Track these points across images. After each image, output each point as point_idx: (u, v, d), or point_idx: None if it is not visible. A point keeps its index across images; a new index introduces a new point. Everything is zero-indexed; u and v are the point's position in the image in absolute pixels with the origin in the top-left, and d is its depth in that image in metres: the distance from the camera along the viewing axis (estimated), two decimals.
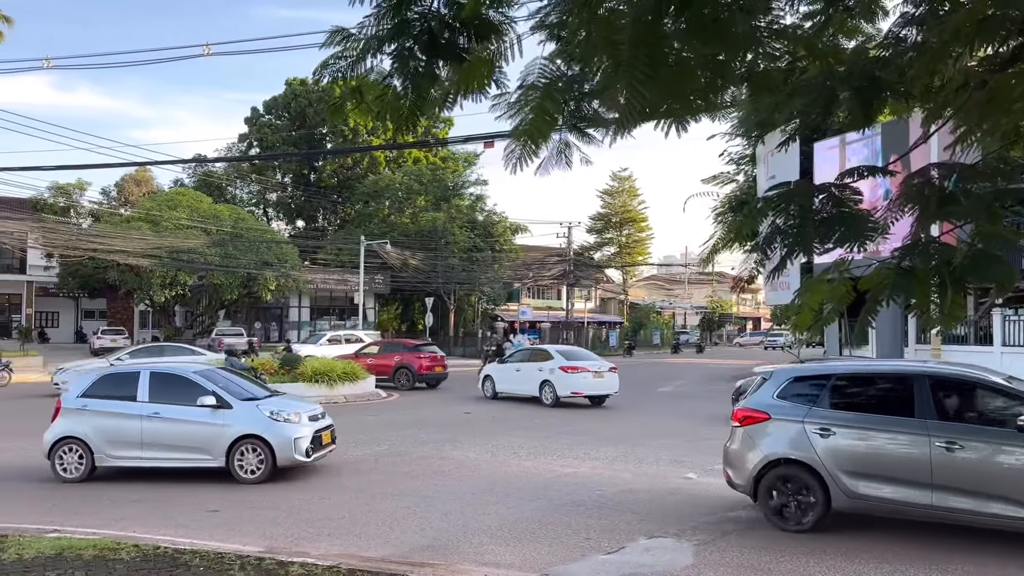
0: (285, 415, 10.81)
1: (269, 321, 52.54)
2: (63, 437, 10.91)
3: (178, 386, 11.04)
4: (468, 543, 7.79)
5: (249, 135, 59.92)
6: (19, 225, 43.77)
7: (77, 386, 11.49)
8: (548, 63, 3.56)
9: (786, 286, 21.62)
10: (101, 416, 10.90)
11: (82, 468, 10.79)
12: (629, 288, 76.35)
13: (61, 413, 11.17)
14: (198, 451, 10.65)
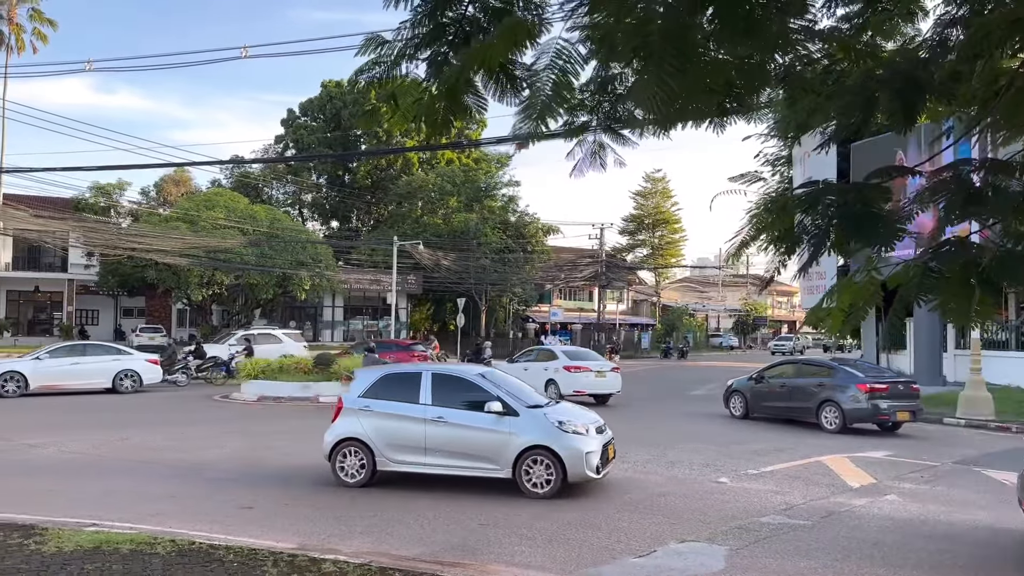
0: (574, 426, 9.97)
1: (304, 320, 53.09)
2: (345, 438, 10.39)
3: (460, 389, 10.49)
4: (499, 543, 7.80)
5: (285, 136, 60.68)
6: (61, 224, 44.75)
7: (357, 385, 10.93)
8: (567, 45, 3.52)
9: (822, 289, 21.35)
10: (383, 418, 10.35)
11: (363, 472, 10.28)
12: (662, 290, 75.93)
13: (342, 413, 10.64)
14: (484, 460, 9.98)
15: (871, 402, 16.33)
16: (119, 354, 24.29)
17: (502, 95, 3.66)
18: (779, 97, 4.16)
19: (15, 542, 7.04)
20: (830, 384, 17.14)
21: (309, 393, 22.07)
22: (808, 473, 11.90)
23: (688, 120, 3.55)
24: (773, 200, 4.31)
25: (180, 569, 6.41)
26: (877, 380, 16.82)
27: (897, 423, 16.93)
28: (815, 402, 17.21)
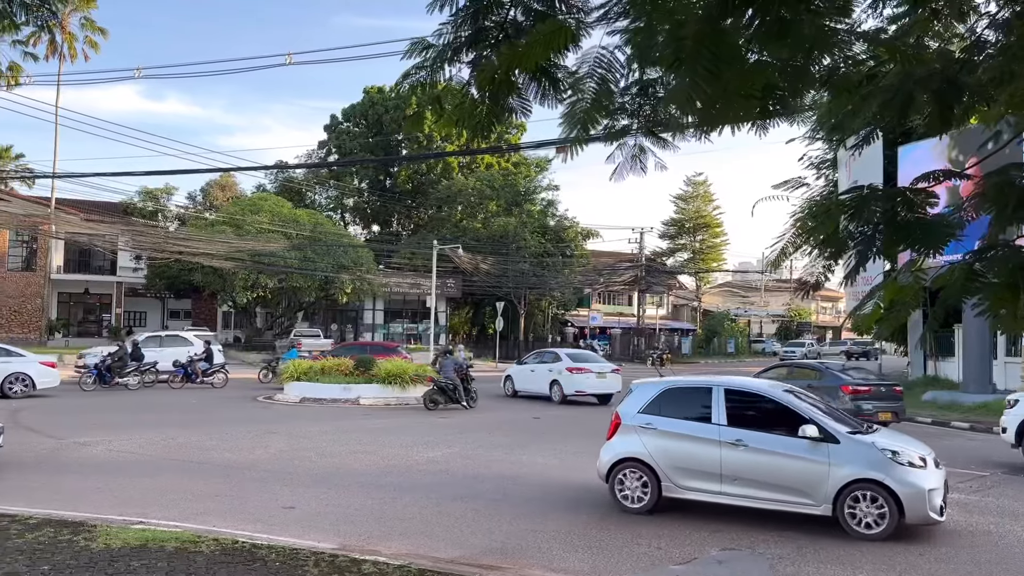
0: (909, 457, 8.48)
1: (345, 323, 53.67)
2: (625, 458, 9.41)
3: (762, 408, 9.27)
4: (537, 548, 7.79)
5: (328, 142, 61.49)
6: (110, 228, 45.88)
7: (635, 400, 9.80)
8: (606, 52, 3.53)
9: None
10: (669, 437, 9.25)
11: (646, 498, 9.23)
12: (702, 295, 75.14)
13: (620, 430, 9.65)
14: (795, 493, 8.68)
15: (854, 403, 17.04)
16: (8, 356, 22.53)
17: (544, 98, 3.67)
18: (824, 99, 4.10)
19: (65, 538, 7.23)
20: (817, 386, 17.50)
21: (350, 395, 22.30)
22: None
23: (727, 123, 3.52)
24: (818, 204, 4.25)
25: (223, 568, 6.52)
26: (860, 383, 17.91)
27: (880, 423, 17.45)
28: None
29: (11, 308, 45.92)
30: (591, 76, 3.45)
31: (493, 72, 3.47)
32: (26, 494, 9.63)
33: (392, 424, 17.70)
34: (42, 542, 7.10)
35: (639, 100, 3.81)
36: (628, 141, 3.96)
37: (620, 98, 3.80)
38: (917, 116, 4.05)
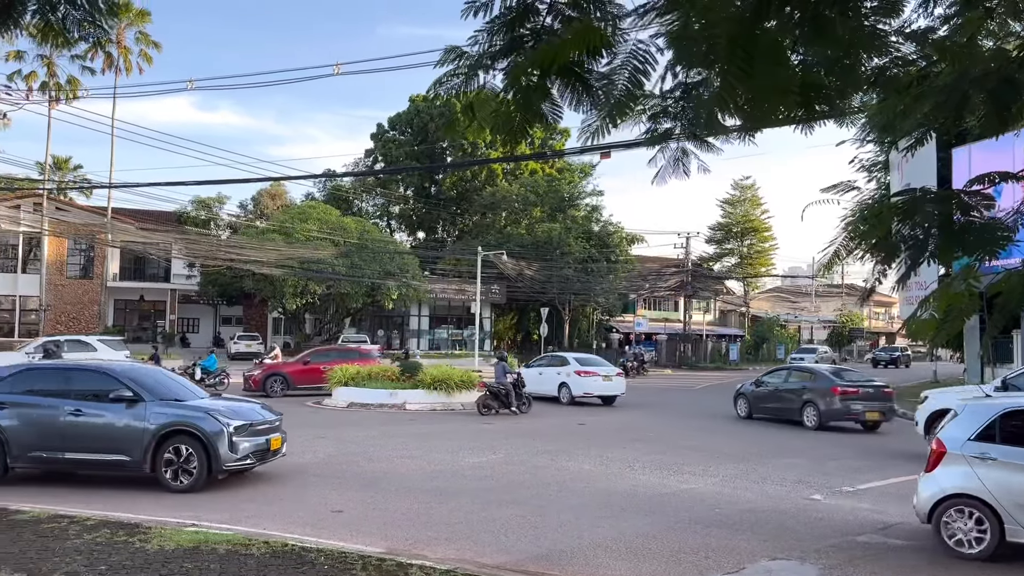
0: None
1: (391, 329, 54.18)
2: (953, 495, 8.00)
3: None
4: (582, 555, 7.75)
5: (375, 150, 62.24)
6: (164, 236, 47.05)
7: (964, 424, 8.34)
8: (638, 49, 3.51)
9: None
10: (1009, 469, 7.76)
11: (983, 541, 7.79)
12: (751, 300, 74.01)
13: (945, 459, 8.22)
14: None
15: (843, 403, 18.63)
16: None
17: (578, 103, 3.67)
18: (874, 100, 4.02)
19: (121, 539, 7.42)
20: (811, 388, 19.57)
21: (396, 400, 22.47)
22: (907, 491, 11.35)
23: (768, 124, 3.48)
24: (869, 208, 4.16)
25: (274, 570, 6.62)
26: (849, 384, 19.23)
27: (869, 422, 19.05)
28: (799, 403, 19.65)
29: (70, 315, 47.36)
30: (623, 68, 3.44)
31: (524, 71, 3.47)
32: (81, 496, 9.91)
33: (438, 429, 17.80)
34: (99, 543, 7.30)
35: (681, 103, 3.79)
36: (671, 144, 3.94)
37: (662, 101, 3.78)
38: (972, 117, 3.95)
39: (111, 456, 10.30)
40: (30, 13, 3.71)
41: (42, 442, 10.43)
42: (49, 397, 10.61)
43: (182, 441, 10.24)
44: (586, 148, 4.11)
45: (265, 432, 10.94)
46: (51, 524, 7.98)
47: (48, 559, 6.77)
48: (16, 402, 10.62)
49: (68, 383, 10.83)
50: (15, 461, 10.52)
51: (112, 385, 10.60)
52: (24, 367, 11.71)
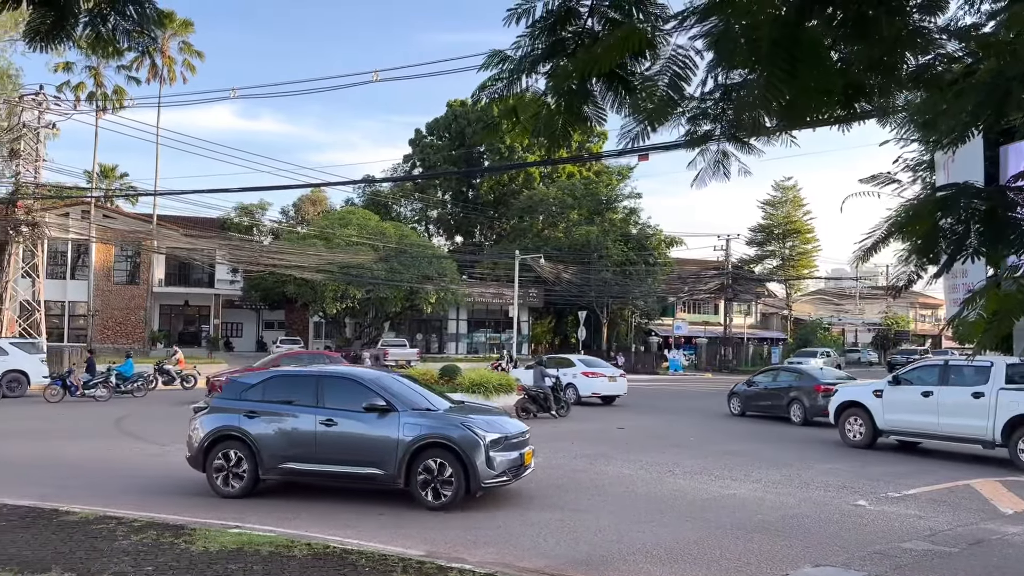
0: None
1: (429, 333, 54.49)
2: None
3: None
4: (623, 560, 7.71)
5: (413, 155, 62.76)
6: (209, 243, 47.93)
7: None
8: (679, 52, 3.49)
9: None
10: None
11: None
12: (793, 303, 72.95)
13: None
14: None
15: (826, 399, 18.71)
16: None
17: (620, 106, 3.66)
18: (917, 99, 3.95)
19: (167, 541, 7.57)
20: (797, 386, 20.95)
21: None
22: (955, 497, 11.13)
23: (809, 125, 3.44)
24: (909, 203, 4.09)
25: (316, 572, 6.70)
26: (831, 383, 19.92)
27: None
28: (786, 400, 20.94)
29: (117, 320, 48.48)
30: (664, 72, 3.43)
31: (568, 77, 3.48)
32: (136, 498, 10.13)
33: None
34: (146, 544, 7.46)
35: (721, 104, 3.76)
36: (711, 146, 3.91)
37: (702, 103, 3.76)
38: (1017, 114, 3.85)
39: (363, 469, 9.79)
40: (82, 25, 3.81)
41: (294, 452, 10.01)
42: (299, 406, 10.17)
43: (437, 455, 9.57)
44: (625, 151, 4.10)
45: (519, 445, 10.11)
46: (100, 525, 8.17)
47: (97, 559, 6.93)
48: (266, 411, 10.24)
49: (318, 391, 10.30)
50: (266, 472, 10.16)
51: (362, 393, 10.07)
52: (272, 374, 11.36)
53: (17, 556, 6.99)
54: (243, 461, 10.14)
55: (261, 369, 25.27)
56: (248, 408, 10.33)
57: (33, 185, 31.11)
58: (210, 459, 10.29)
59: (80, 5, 3.76)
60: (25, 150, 30.56)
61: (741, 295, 61.19)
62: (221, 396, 11.12)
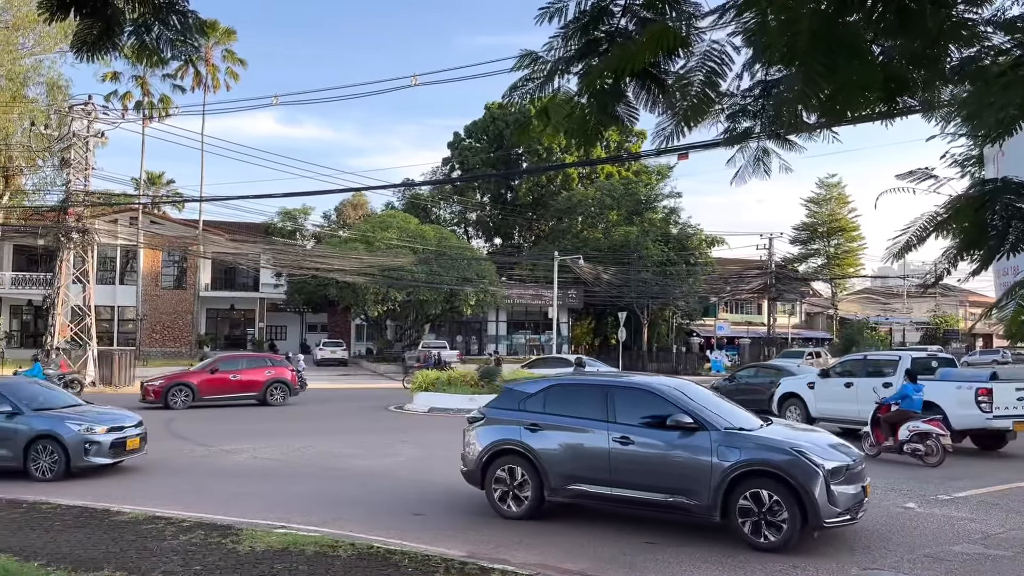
0: None
1: (469, 335, 54.68)
2: None
3: None
4: (665, 563, 7.64)
5: (451, 158, 63.07)
6: (253, 247, 48.72)
7: None
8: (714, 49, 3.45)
9: None
10: None
11: None
12: (839, 302, 71.67)
13: None
14: None
15: None
16: None
17: (653, 105, 3.64)
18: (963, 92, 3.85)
19: (214, 541, 7.71)
20: (779, 382, 20.94)
21: (475, 405, 22.57)
22: (1008, 500, 10.81)
23: (849, 121, 3.38)
24: (951, 199, 4.00)
25: (359, 572, 6.76)
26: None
27: None
28: (767, 395, 20.89)
29: (164, 324, 49.53)
30: (698, 69, 3.39)
31: (600, 76, 3.47)
32: (180, 498, 10.34)
33: None
34: (194, 543, 7.60)
35: (761, 101, 3.71)
36: (750, 144, 3.86)
37: (741, 100, 3.72)
38: None
39: (669, 497, 8.40)
40: (127, 34, 3.91)
41: (584, 473, 8.86)
42: (587, 420, 8.97)
43: (762, 484, 7.99)
44: (663, 150, 4.07)
45: (860, 476, 8.45)
46: (149, 525, 8.36)
47: (147, 558, 7.09)
48: (550, 423, 9.16)
49: (608, 403, 8.98)
50: (553, 493, 9.10)
51: (662, 407, 8.67)
52: (554, 382, 9.96)
53: (71, 555, 7.18)
54: (526, 480, 9.15)
55: (201, 372, 24.05)
56: (529, 420, 9.27)
57: (83, 193, 31.91)
58: (489, 475, 9.39)
59: (125, 15, 3.86)
60: (75, 159, 31.36)
61: (785, 294, 60.25)
62: (497, 405, 10.08)
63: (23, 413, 11.90)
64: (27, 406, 12.06)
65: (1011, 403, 14.80)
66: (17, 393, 12.41)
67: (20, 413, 11.89)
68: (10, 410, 11.90)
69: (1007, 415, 14.66)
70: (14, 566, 6.59)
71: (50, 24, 4.04)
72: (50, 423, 11.89)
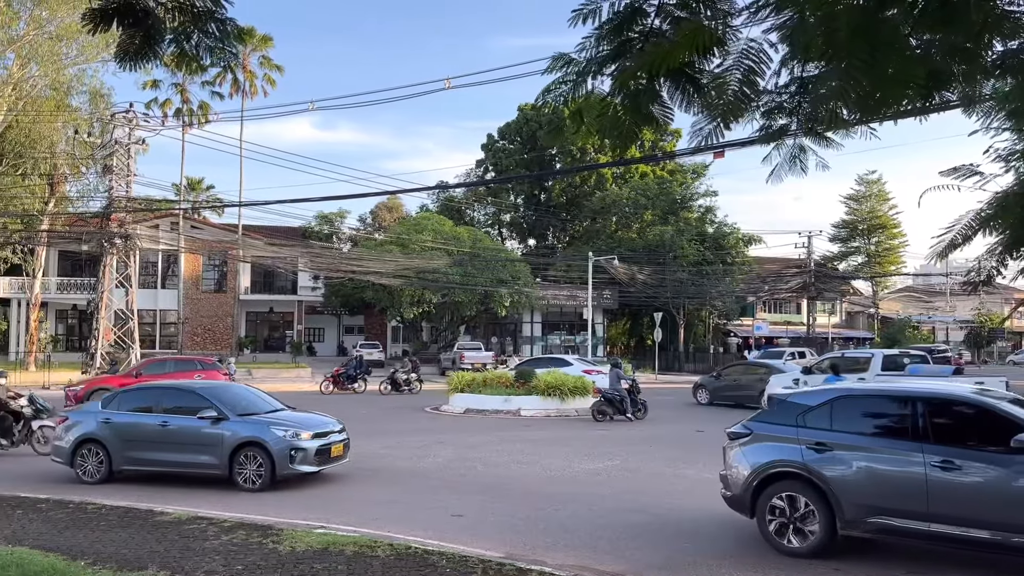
0: None
1: (504, 336, 54.72)
2: None
3: None
4: (705, 565, 7.57)
5: (485, 160, 63.22)
6: (291, 251, 49.32)
7: None
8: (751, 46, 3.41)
9: None
10: None
11: None
12: (880, 301, 70.40)
13: None
14: None
15: None
16: None
17: (688, 104, 3.61)
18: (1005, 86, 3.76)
19: (255, 541, 7.81)
20: (767, 379, 22.75)
21: (511, 406, 22.68)
22: None
23: (887, 117, 3.32)
24: (997, 196, 3.91)
25: (398, 572, 6.81)
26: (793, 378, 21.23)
27: None
28: (758, 391, 22.64)
29: (205, 327, 50.35)
30: (735, 69, 3.36)
31: (634, 76, 3.45)
32: (220, 497, 10.50)
33: (553, 435, 17.83)
34: (236, 544, 7.71)
35: (797, 98, 3.66)
36: (787, 141, 3.82)
37: (777, 97, 3.67)
38: None
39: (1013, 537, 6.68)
40: (167, 43, 3.99)
41: (891, 504, 7.26)
42: (891, 439, 7.53)
43: None
44: (698, 148, 4.04)
45: None
46: (192, 525, 8.50)
47: (189, 558, 7.21)
48: (842, 443, 7.63)
49: (919, 418, 7.41)
50: (847, 527, 7.47)
51: (996, 424, 7.05)
52: (841, 393, 8.38)
53: (116, 554, 7.33)
54: (812, 510, 7.65)
55: (125, 377, 22.14)
56: (813, 439, 7.80)
57: (125, 199, 32.61)
58: (761, 502, 7.99)
59: (166, 24, 3.94)
60: (117, 165, 32.06)
61: (824, 293, 59.31)
62: (767, 419, 8.55)
63: (228, 418, 11.28)
64: (231, 410, 11.44)
65: None
66: (221, 397, 11.83)
67: (225, 418, 11.27)
68: (215, 415, 11.30)
69: None
70: (62, 565, 6.75)
71: (94, 35, 4.14)
72: (256, 429, 11.19)
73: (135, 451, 11.69)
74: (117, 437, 11.72)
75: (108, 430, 11.75)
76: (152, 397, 12.35)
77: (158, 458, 11.64)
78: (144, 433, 11.70)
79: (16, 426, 14.50)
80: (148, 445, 11.63)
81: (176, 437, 11.48)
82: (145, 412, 11.97)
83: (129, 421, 11.85)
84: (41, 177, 40.87)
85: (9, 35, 35.93)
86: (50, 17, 35.92)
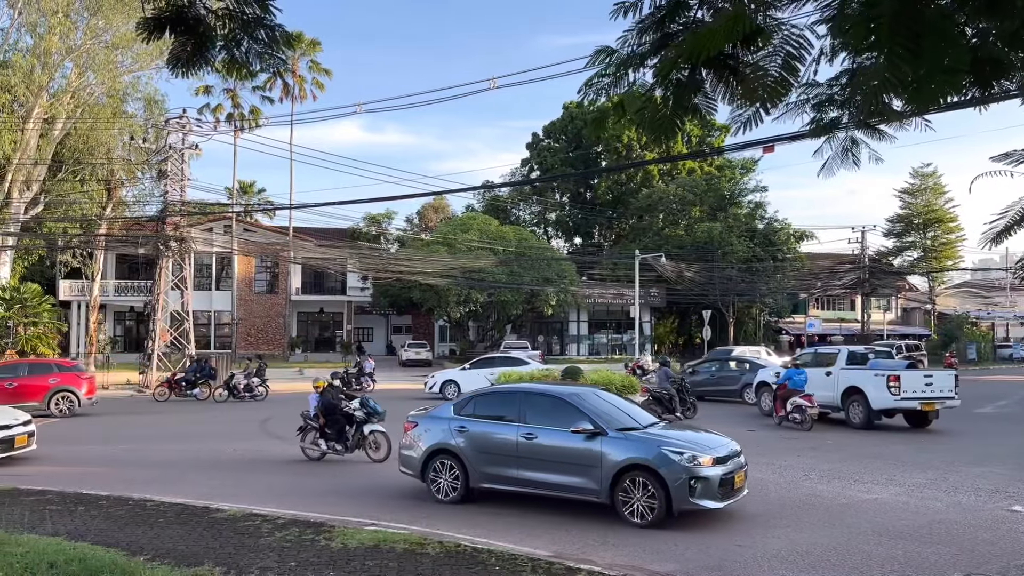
0: None
1: (551, 335, 54.65)
2: None
3: None
4: (757, 566, 7.47)
5: (530, 159, 63.23)
6: (340, 252, 49.95)
7: None
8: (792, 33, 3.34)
9: None
10: None
11: None
12: (937, 296, 68.50)
13: None
14: None
15: None
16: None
17: (732, 96, 3.56)
18: None
19: (308, 537, 7.95)
20: (748, 373, 24.61)
21: None
22: None
23: (938, 107, 3.22)
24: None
25: (448, 569, 6.85)
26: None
27: None
28: (739, 385, 24.78)
29: (258, 327, 51.30)
30: (775, 56, 3.30)
31: (674, 65, 3.41)
32: (275, 497, 10.70)
33: None
34: (289, 540, 7.85)
35: (848, 89, 3.58)
36: (838, 134, 3.74)
37: (827, 89, 3.60)
38: None
39: None
40: (218, 49, 4.09)
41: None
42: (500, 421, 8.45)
43: None
44: (748, 143, 3.99)
45: None
46: (246, 522, 8.67)
47: (244, 555, 7.36)
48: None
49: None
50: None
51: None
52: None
53: (173, 550, 7.52)
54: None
55: None
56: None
57: (179, 203, 33.37)
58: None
59: (216, 32, 4.03)
60: (171, 170, 32.83)
61: (879, 289, 57.95)
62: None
63: (606, 434, 9.38)
64: (607, 424, 9.52)
65: (919, 388, 18.07)
66: (595, 408, 9.87)
67: (602, 433, 9.38)
68: (591, 429, 9.45)
69: (913, 397, 17.97)
70: (122, 560, 6.94)
71: (147, 43, 4.25)
72: (642, 448, 9.17)
73: (494, 466, 10.06)
74: (474, 449, 10.18)
75: (464, 440, 10.25)
76: (511, 403, 10.44)
77: (522, 476, 9.88)
78: (505, 446, 10.01)
79: (349, 429, 13.91)
80: (510, 460, 9.95)
81: (543, 453, 9.74)
82: (502, 421, 10.26)
83: (488, 431, 10.22)
84: (99, 183, 42.07)
85: (67, 44, 37.05)
86: (106, 26, 36.94)
